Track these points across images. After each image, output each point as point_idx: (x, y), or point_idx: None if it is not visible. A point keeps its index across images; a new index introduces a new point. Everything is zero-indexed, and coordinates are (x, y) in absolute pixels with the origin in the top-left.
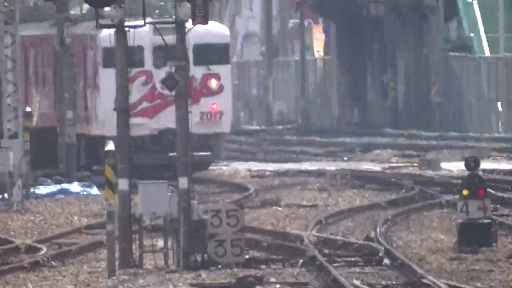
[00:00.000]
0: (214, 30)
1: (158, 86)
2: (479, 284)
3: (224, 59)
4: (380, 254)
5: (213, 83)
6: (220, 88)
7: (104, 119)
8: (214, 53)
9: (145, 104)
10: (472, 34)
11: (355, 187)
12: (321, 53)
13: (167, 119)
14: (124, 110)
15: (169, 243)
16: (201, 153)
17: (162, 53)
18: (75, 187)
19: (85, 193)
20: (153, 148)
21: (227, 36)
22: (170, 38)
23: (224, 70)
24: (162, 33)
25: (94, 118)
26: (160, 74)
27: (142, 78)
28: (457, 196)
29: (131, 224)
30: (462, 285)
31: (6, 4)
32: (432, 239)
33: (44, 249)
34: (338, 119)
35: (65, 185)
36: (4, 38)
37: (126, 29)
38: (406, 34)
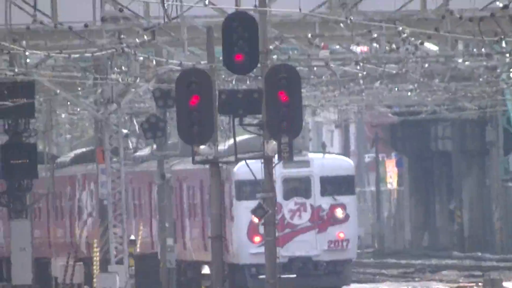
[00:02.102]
0: (339, 163)
1: (288, 216)
2: None
3: (349, 190)
4: None
5: (339, 213)
6: (346, 217)
7: (237, 248)
8: (340, 185)
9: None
10: None
11: None
12: (394, 184)
13: (296, 247)
14: (217, 237)
15: None
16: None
17: (290, 186)
18: None
19: None
20: (290, 276)
21: (351, 168)
22: (300, 171)
23: (349, 200)
24: (292, 166)
25: (230, 247)
26: (289, 205)
27: None
28: None
29: None
30: None
31: (110, 143)
32: None
33: None
34: (410, 243)
35: None
36: (111, 174)
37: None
38: (470, 166)
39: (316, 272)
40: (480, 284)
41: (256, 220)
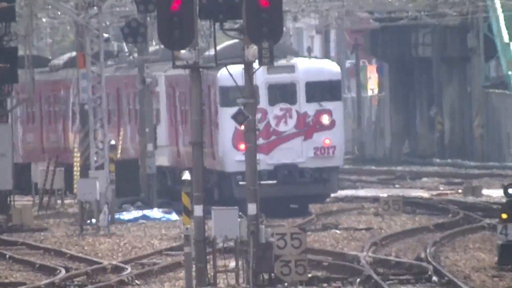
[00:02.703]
0: (325, 67)
1: (273, 123)
2: None
3: (336, 95)
4: (429, 273)
5: (325, 119)
6: (333, 124)
7: (223, 156)
8: (325, 90)
9: (260, 141)
10: (510, 72)
11: (406, 212)
12: (375, 91)
13: (282, 155)
14: (198, 143)
15: (240, 263)
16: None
17: (275, 92)
18: (155, 213)
19: (164, 218)
20: (270, 182)
21: (338, 73)
22: (284, 77)
23: (336, 106)
24: (277, 72)
25: (216, 155)
26: (274, 111)
27: (258, 116)
28: (497, 220)
29: (206, 246)
30: None
31: (91, 48)
32: (475, 258)
33: (129, 269)
34: (390, 150)
35: (146, 211)
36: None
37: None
38: (451, 73)
39: (302, 180)
40: (460, 191)
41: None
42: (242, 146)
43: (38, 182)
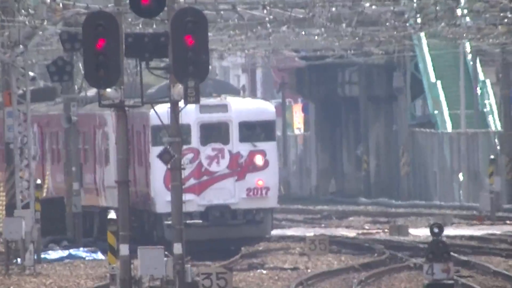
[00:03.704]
0: (259, 107)
1: (205, 163)
2: None
3: (269, 135)
4: None
5: (259, 159)
6: (266, 164)
7: (154, 196)
8: (259, 130)
9: (192, 181)
10: (436, 111)
11: (332, 251)
12: (302, 130)
13: (213, 195)
14: (124, 182)
15: None
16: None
17: (208, 131)
18: (81, 252)
19: (91, 257)
20: (201, 224)
21: (272, 113)
22: (217, 116)
23: (269, 147)
24: (209, 111)
25: (150, 195)
26: (206, 151)
27: (189, 156)
28: (423, 259)
29: (132, 285)
30: None
31: (18, 87)
32: None
33: None
34: (316, 189)
35: (72, 250)
36: (18, 116)
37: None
38: (377, 111)
39: (234, 221)
40: (386, 230)
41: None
42: None
43: None
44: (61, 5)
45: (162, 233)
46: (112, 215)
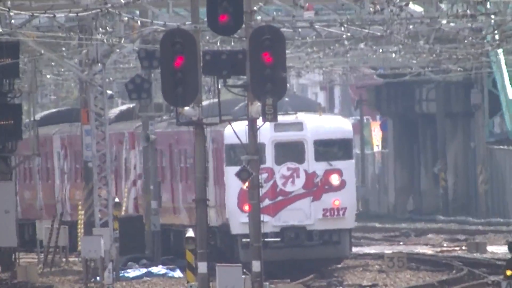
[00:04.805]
0: (335, 125)
1: (280, 182)
2: None
3: (346, 154)
4: None
5: (335, 179)
6: (343, 183)
7: (229, 217)
8: (336, 149)
9: (266, 202)
10: None
11: (410, 268)
12: (380, 147)
13: (289, 216)
14: (202, 200)
15: None
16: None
17: (283, 150)
18: (160, 270)
19: (169, 275)
20: (278, 243)
21: (349, 131)
22: (292, 135)
23: (346, 165)
24: (284, 129)
25: (223, 213)
26: (281, 170)
27: (264, 175)
28: (501, 277)
29: None
30: None
31: (95, 104)
32: None
33: None
34: (394, 206)
35: (151, 268)
36: (96, 135)
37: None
38: (455, 128)
39: (310, 243)
40: (464, 248)
41: (245, 186)
42: (247, 207)
43: (42, 239)
44: (138, 22)
45: (237, 254)
46: (189, 233)
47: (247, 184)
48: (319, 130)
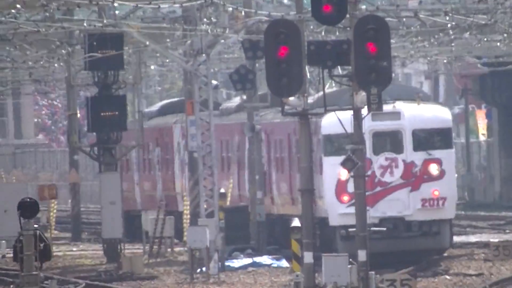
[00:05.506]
0: (434, 114)
1: (378, 173)
2: None
3: (446, 143)
4: None
5: (434, 169)
6: (442, 173)
7: (327, 208)
8: (434, 138)
9: None
10: None
11: None
12: (486, 136)
13: (387, 207)
14: (308, 190)
15: None
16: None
17: (380, 140)
18: (265, 260)
19: (275, 265)
20: (376, 236)
21: (448, 120)
22: (390, 124)
23: (446, 155)
24: (382, 119)
25: (319, 202)
26: (379, 160)
27: None
28: None
29: None
30: None
31: (200, 95)
32: None
33: None
34: (500, 195)
35: (256, 258)
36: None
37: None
38: None
39: (409, 234)
40: None
41: (343, 177)
42: (346, 198)
43: (148, 230)
44: (243, 13)
45: (336, 245)
46: (295, 222)
47: (346, 174)
48: (417, 119)
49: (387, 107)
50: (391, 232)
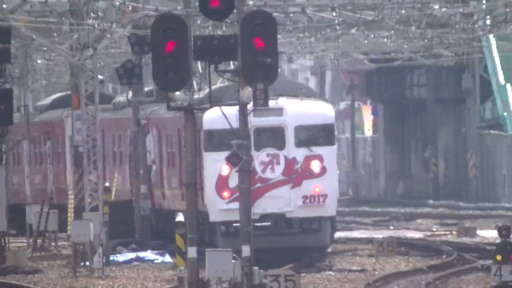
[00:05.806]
0: (317, 110)
1: (259, 169)
2: None
3: (328, 140)
4: None
5: (315, 165)
6: (323, 170)
7: (207, 203)
8: (317, 134)
9: None
10: (505, 114)
11: (400, 253)
12: (371, 132)
13: (268, 204)
14: (192, 184)
15: None
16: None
17: (262, 136)
18: (149, 254)
19: (158, 260)
20: (256, 233)
21: (331, 116)
22: (272, 120)
23: (327, 151)
24: (264, 115)
25: (201, 200)
26: (260, 156)
27: None
28: (491, 261)
29: None
30: None
31: (86, 89)
32: None
33: None
34: (385, 191)
35: (140, 253)
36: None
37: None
38: (446, 114)
39: (289, 230)
40: (454, 232)
41: (224, 172)
42: (226, 194)
43: (32, 223)
44: (130, 7)
45: (216, 241)
46: (180, 217)
47: (227, 169)
48: (300, 116)
49: (269, 103)
50: (272, 229)
